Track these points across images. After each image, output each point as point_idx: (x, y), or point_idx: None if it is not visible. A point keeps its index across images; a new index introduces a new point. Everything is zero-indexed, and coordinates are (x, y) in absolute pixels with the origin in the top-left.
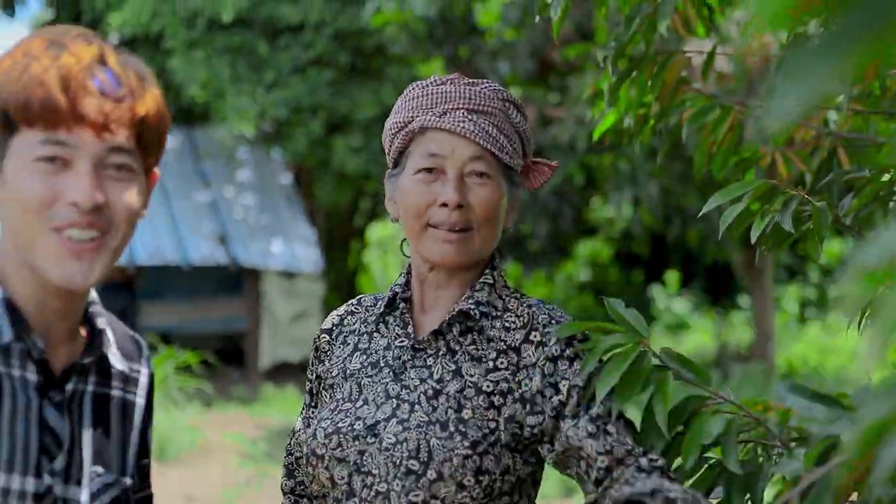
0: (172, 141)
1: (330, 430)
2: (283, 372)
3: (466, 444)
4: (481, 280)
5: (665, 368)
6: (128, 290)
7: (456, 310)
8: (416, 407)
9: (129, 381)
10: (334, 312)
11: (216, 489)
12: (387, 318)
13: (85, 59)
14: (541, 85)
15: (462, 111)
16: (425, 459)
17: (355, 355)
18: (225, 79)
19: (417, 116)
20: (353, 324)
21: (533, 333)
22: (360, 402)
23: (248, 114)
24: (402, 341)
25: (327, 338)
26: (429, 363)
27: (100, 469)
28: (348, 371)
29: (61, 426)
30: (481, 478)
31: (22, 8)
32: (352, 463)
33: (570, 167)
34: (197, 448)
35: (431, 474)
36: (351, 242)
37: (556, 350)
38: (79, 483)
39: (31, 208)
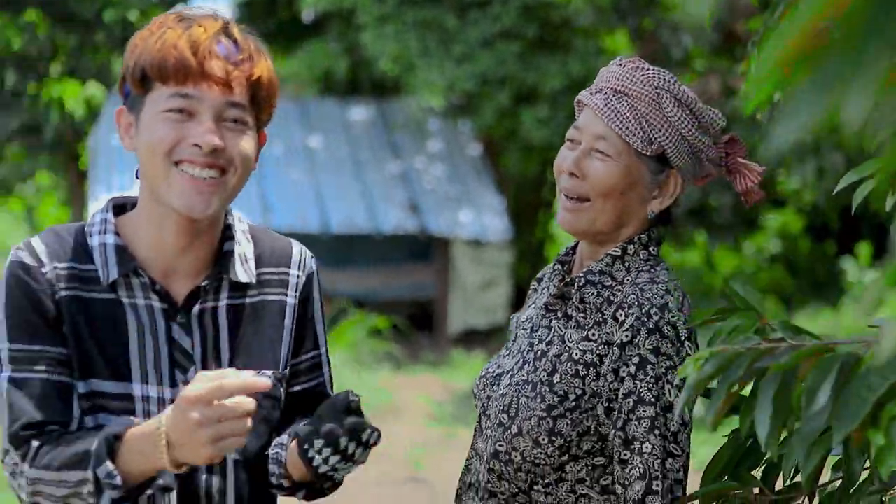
0: (364, 113)
1: (481, 374)
2: (472, 338)
3: (543, 406)
4: (608, 252)
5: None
6: None
7: (569, 278)
8: (526, 366)
9: (272, 284)
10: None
11: (404, 448)
12: (547, 277)
13: (211, 29)
14: (726, 56)
15: (609, 90)
16: (513, 415)
17: (528, 308)
18: (415, 52)
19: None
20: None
21: (619, 312)
22: (506, 352)
23: (438, 86)
24: (544, 301)
25: (535, 286)
26: (551, 325)
27: (238, 368)
28: (518, 322)
29: (189, 343)
30: (554, 438)
31: None
32: (482, 405)
33: (753, 139)
34: (386, 408)
35: (514, 429)
36: (539, 212)
37: (626, 336)
38: None
39: (161, 149)
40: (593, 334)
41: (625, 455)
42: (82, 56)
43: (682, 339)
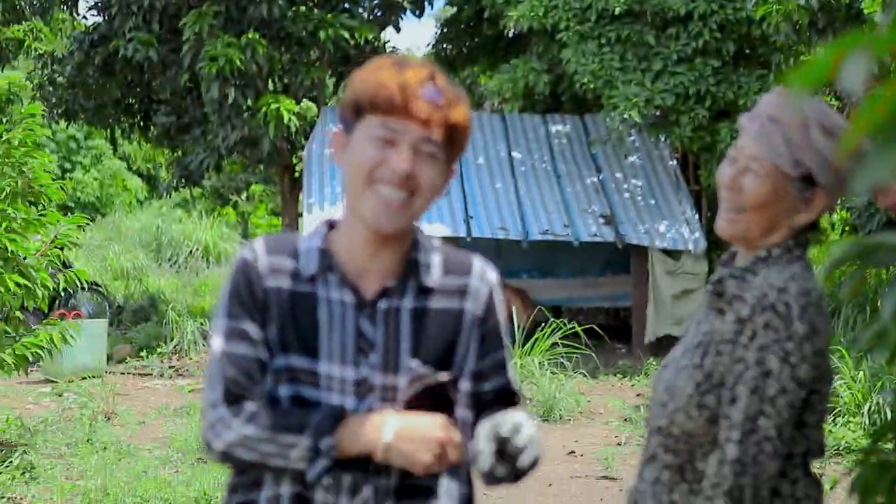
0: (565, 127)
1: (664, 361)
2: (666, 347)
3: (692, 384)
4: (756, 254)
5: None
6: None
7: (716, 277)
8: (686, 353)
9: (454, 293)
10: None
11: (596, 447)
12: None
13: (420, 75)
14: None
15: (765, 116)
16: (671, 394)
17: (701, 307)
18: (615, 68)
19: None
20: None
21: (747, 294)
22: (678, 345)
23: (637, 101)
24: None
25: (708, 287)
26: (708, 318)
27: (415, 363)
28: (693, 319)
29: (373, 332)
30: (703, 411)
31: (429, 7)
32: (652, 390)
33: None
34: (581, 411)
35: (671, 406)
36: None
37: (746, 313)
38: (395, 372)
39: (364, 168)
40: (731, 319)
41: (728, 411)
42: (297, 73)
43: (794, 318)
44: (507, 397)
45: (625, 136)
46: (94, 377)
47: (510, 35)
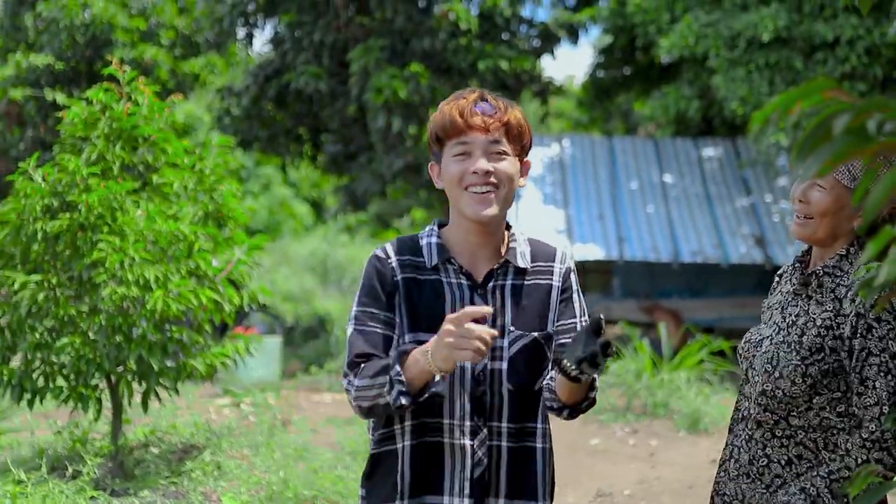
0: (716, 151)
1: (745, 340)
2: None
3: (798, 357)
4: (837, 252)
5: None
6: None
7: (808, 271)
8: (781, 332)
9: (542, 272)
10: None
11: None
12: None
13: (471, 98)
14: None
15: None
16: (775, 364)
17: (775, 294)
18: (764, 93)
19: None
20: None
21: (850, 293)
22: (763, 325)
23: (785, 125)
24: (790, 287)
25: (777, 279)
26: (797, 304)
27: (514, 328)
28: (769, 304)
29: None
30: (806, 379)
31: (584, 35)
32: (748, 362)
33: None
34: (725, 423)
35: (776, 374)
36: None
37: (860, 309)
38: (501, 336)
39: (456, 179)
40: (829, 307)
41: (861, 389)
42: None
43: None
44: None
45: (774, 160)
46: (268, 390)
47: (662, 63)
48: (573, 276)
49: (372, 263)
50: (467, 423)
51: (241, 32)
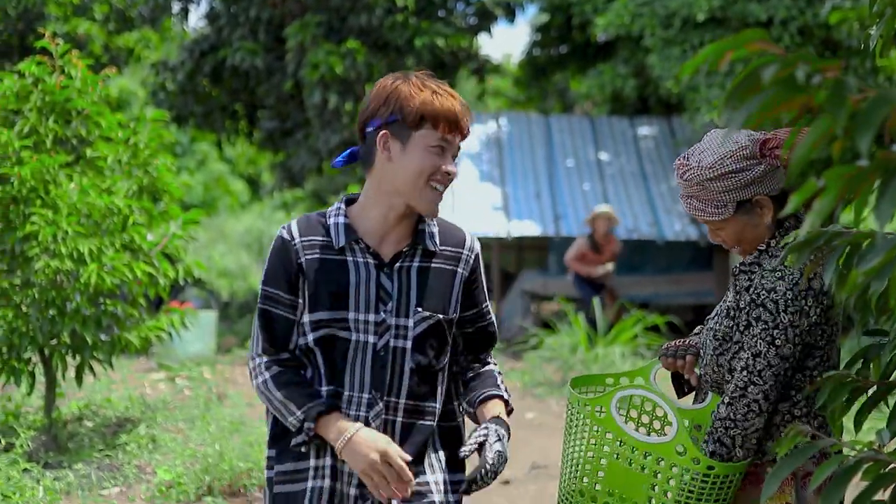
0: (651, 129)
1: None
2: None
3: (713, 346)
4: (757, 248)
5: None
6: None
7: (738, 266)
8: (712, 319)
9: (449, 257)
10: None
11: None
12: None
13: (462, 100)
14: None
15: (685, 196)
16: (704, 350)
17: None
18: (698, 72)
19: None
20: None
21: (750, 289)
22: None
23: (718, 104)
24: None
25: None
26: (729, 293)
27: (420, 309)
28: None
29: (390, 286)
30: (720, 367)
31: (521, 13)
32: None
33: None
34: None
35: (706, 360)
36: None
37: (743, 305)
38: (407, 316)
39: (425, 173)
40: (736, 299)
41: (728, 378)
42: None
43: (780, 311)
44: (486, 336)
45: None
46: (204, 365)
47: (598, 41)
48: (479, 263)
49: (276, 245)
50: (364, 395)
51: (176, 7)
